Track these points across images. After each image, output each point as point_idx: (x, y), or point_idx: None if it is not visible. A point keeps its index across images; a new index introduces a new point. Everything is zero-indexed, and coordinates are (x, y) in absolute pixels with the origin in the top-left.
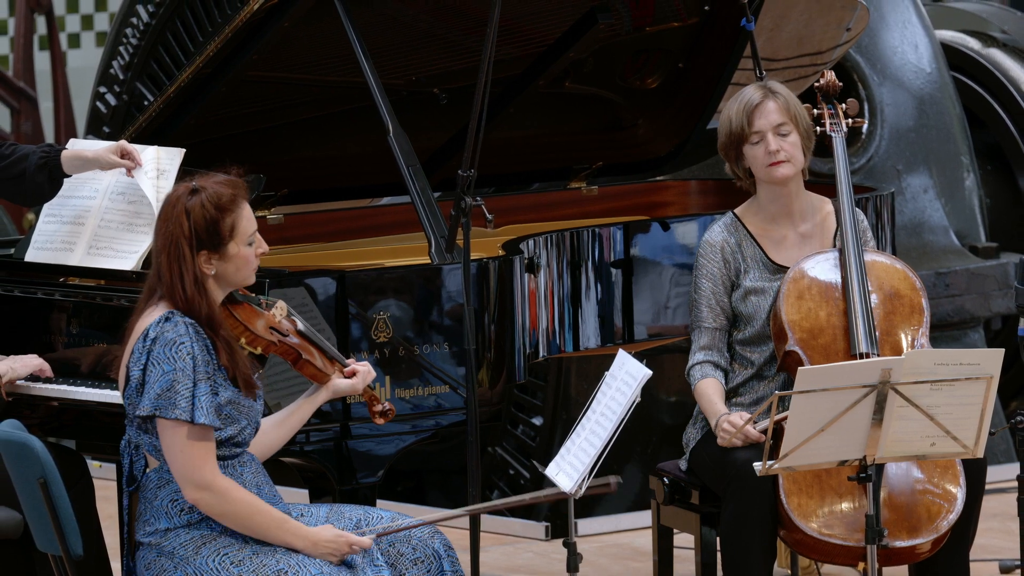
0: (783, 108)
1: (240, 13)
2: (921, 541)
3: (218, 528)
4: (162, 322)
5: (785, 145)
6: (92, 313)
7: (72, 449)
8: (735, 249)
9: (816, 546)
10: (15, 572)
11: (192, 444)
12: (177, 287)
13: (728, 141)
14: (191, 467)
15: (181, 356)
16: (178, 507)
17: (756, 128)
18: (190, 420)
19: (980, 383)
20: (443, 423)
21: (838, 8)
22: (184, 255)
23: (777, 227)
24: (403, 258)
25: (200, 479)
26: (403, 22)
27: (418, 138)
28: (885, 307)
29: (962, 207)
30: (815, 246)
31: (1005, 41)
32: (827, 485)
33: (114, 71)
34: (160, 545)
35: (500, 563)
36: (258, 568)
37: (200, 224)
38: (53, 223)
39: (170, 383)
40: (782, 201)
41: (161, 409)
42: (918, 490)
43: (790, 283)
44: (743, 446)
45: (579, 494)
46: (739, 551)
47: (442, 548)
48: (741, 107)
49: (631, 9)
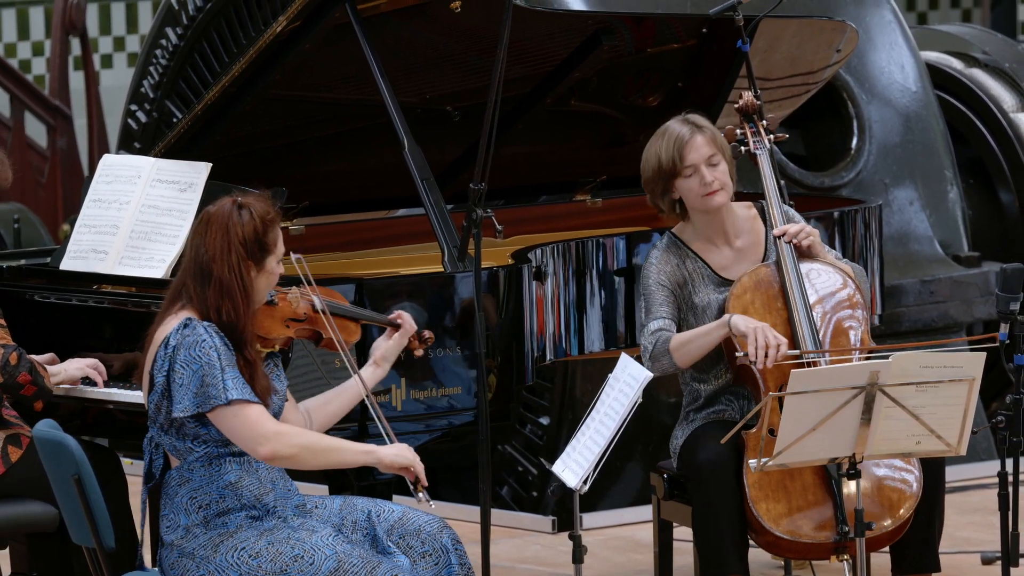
0: (710, 140)
1: (264, 35)
2: (888, 525)
3: (232, 526)
4: (181, 329)
5: (717, 175)
6: (124, 318)
7: (106, 447)
8: (679, 264)
9: (788, 546)
10: (52, 563)
11: (241, 416)
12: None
13: (656, 176)
14: (249, 432)
15: (205, 352)
16: (196, 504)
17: (688, 162)
18: (226, 402)
19: (963, 385)
20: (455, 423)
21: (828, 31)
22: (234, 266)
23: (715, 246)
24: (418, 266)
25: (262, 434)
26: (418, 44)
27: (432, 153)
28: (823, 307)
29: (946, 219)
30: (753, 256)
31: (986, 62)
32: (791, 488)
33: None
34: (181, 546)
35: (510, 555)
36: (275, 557)
37: (251, 236)
38: (87, 233)
39: (200, 379)
40: (716, 224)
41: (202, 405)
42: (878, 479)
43: (734, 299)
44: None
45: (583, 489)
46: (712, 547)
47: (450, 542)
48: (671, 143)
49: (633, 31)
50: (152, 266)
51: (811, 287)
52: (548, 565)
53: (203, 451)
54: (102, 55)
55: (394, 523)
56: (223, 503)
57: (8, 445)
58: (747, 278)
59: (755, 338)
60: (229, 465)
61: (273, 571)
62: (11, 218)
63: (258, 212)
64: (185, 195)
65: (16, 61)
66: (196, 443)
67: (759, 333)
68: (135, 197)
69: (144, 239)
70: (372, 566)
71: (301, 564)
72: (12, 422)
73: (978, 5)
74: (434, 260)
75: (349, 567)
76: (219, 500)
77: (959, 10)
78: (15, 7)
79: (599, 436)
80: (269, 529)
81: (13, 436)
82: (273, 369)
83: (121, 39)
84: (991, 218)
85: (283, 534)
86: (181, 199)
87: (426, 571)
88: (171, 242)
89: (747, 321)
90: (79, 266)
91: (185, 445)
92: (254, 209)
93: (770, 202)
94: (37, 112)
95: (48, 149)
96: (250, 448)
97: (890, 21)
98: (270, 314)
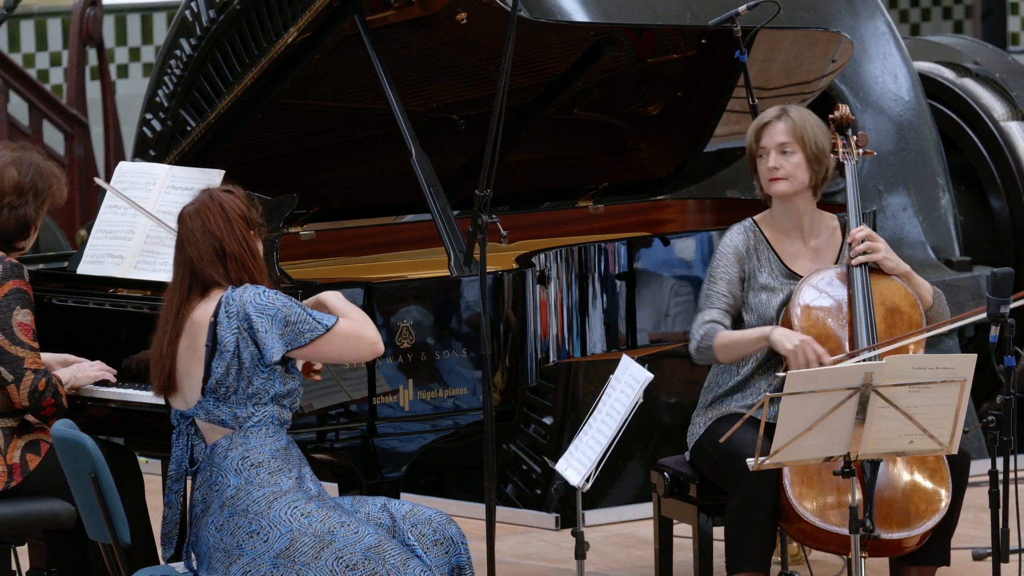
0: (790, 130)
1: (275, 46)
2: (908, 535)
3: (285, 486)
4: (229, 297)
5: (785, 163)
6: (139, 321)
7: (123, 446)
8: (751, 251)
9: (814, 534)
10: (69, 559)
11: (343, 331)
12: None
13: (748, 155)
14: (359, 337)
15: (272, 298)
16: (248, 462)
17: (762, 144)
18: (328, 327)
19: (955, 386)
20: (461, 423)
21: (824, 41)
22: (240, 239)
23: (790, 239)
24: (425, 271)
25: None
26: (425, 54)
27: (438, 160)
28: (886, 321)
29: (938, 224)
30: (825, 259)
31: (977, 72)
32: (826, 479)
33: (159, 99)
34: (233, 505)
35: (514, 551)
36: (324, 519)
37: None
38: (104, 238)
39: (284, 320)
40: (790, 215)
41: (295, 341)
42: (909, 488)
43: (803, 291)
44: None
45: (586, 487)
46: (743, 539)
47: (457, 535)
48: (757, 124)
49: (634, 42)
50: (167, 270)
51: (879, 299)
52: (551, 561)
53: (262, 413)
54: (118, 65)
55: (406, 513)
56: (275, 463)
57: (27, 454)
58: (819, 275)
59: (796, 358)
60: (282, 431)
61: (322, 531)
62: None
63: (236, 193)
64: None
65: (35, 71)
66: (257, 407)
67: (799, 353)
68: (150, 203)
69: (159, 244)
70: (406, 557)
71: (347, 530)
72: (35, 426)
73: (969, 17)
74: (441, 265)
75: (388, 548)
76: (272, 459)
77: (951, 22)
78: (34, 19)
79: (601, 435)
80: (316, 495)
81: (32, 443)
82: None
83: (137, 50)
84: (982, 224)
85: (331, 501)
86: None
87: (438, 558)
88: None
89: (787, 338)
90: (96, 270)
91: (246, 411)
92: (233, 191)
93: (850, 213)
94: (55, 120)
95: (66, 156)
96: (372, 347)
97: (884, 32)
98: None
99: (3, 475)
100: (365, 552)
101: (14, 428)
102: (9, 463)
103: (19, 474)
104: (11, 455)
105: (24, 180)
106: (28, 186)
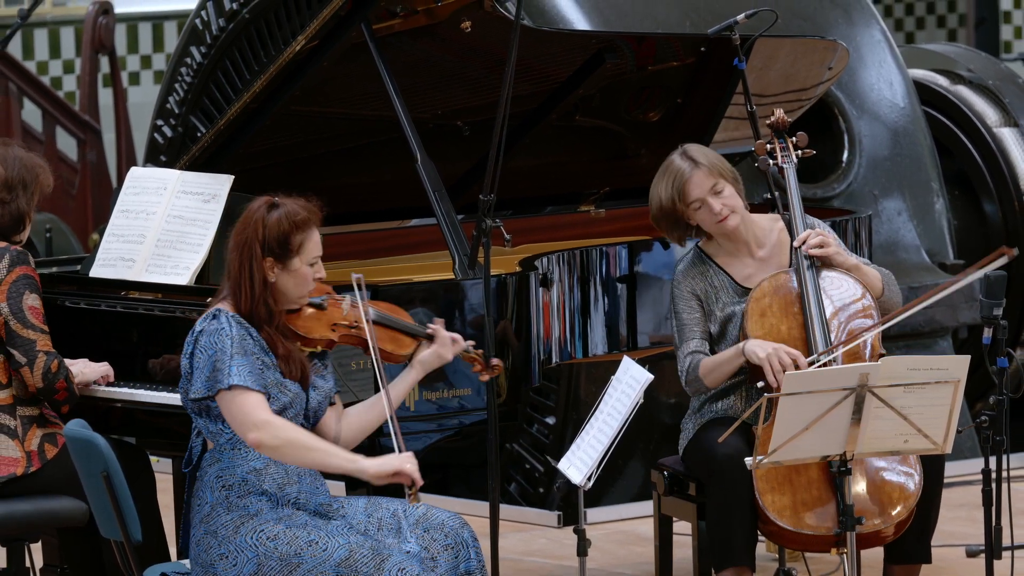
0: (708, 170)
1: (284, 54)
2: (885, 525)
3: (253, 509)
4: (209, 319)
5: (725, 201)
6: (150, 323)
7: (134, 445)
8: (707, 282)
9: (791, 537)
10: (82, 556)
11: (240, 401)
12: (245, 283)
13: (662, 214)
14: (243, 416)
15: (221, 339)
16: (220, 483)
17: (693, 199)
18: (227, 387)
19: (948, 386)
20: (466, 422)
21: (821, 49)
22: (255, 255)
23: (739, 259)
24: (430, 274)
25: (252, 421)
26: (430, 62)
27: (443, 166)
28: (839, 315)
29: (932, 228)
30: (777, 263)
31: (971, 79)
32: (796, 482)
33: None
34: (207, 523)
35: (517, 548)
36: (291, 540)
37: (273, 233)
38: (116, 242)
39: (213, 364)
40: (735, 239)
41: (211, 388)
42: (879, 479)
43: (753, 303)
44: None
45: (587, 486)
46: (723, 537)
47: (470, 538)
48: (671, 183)
49: (635, 50)
50: (177, 273)
51: (827, 295)
52: (553, 558)
53: (230, 434)
54: (130, 72)
55: (419, 518)
56: (245, 487)
57: (45, 443)
58: (766, 283)
59: (770, 366)
60: (256, 451)
61: (288, 554)
62: (43, 228)
63: (287, 213)
64: (209, 206)
65: (48, 78)
66: (225, 425)
67: (772, 359)
68: (161, 208)
69: (170, 247)
70: (381, 559)
71: (314, 549)
72: (51, 420)
73: (963, 25)
74: (445, 268)
75: (360, 557)
76: (242, 483)
77: (945, 30)
78: (47, 27)
79: (602, 435)
80: (287, 516)
81: (50, 435)
82: (320, 369)
83: (148, 57)
84: (975, 227)
85: (301, 520)
86: (205, 209)
87: (447, 563)
88: (195, 250)
89: (760, 348)
90: (108, 273)
91: (216, 427)
92: (285, 210)
93: (793, 213)
94: (68, 127)
95: (78, 162)
96: (240, 433)
97: (879, 40)
98: (316, 317)
99: (22, 460)
100: (336, 568)
101: (34, 417)
102: (27, 449)
103: (37, 460)
104: (29, 442)
105: (11, 175)
106: (16, 180)
